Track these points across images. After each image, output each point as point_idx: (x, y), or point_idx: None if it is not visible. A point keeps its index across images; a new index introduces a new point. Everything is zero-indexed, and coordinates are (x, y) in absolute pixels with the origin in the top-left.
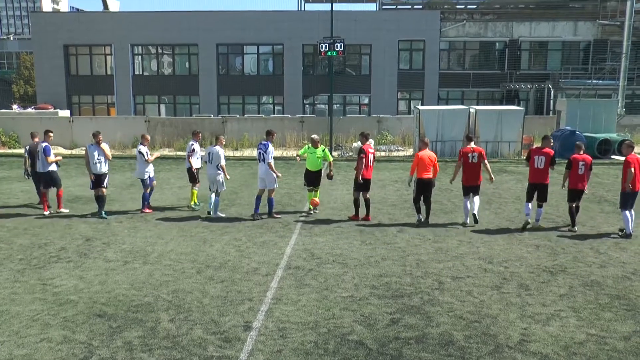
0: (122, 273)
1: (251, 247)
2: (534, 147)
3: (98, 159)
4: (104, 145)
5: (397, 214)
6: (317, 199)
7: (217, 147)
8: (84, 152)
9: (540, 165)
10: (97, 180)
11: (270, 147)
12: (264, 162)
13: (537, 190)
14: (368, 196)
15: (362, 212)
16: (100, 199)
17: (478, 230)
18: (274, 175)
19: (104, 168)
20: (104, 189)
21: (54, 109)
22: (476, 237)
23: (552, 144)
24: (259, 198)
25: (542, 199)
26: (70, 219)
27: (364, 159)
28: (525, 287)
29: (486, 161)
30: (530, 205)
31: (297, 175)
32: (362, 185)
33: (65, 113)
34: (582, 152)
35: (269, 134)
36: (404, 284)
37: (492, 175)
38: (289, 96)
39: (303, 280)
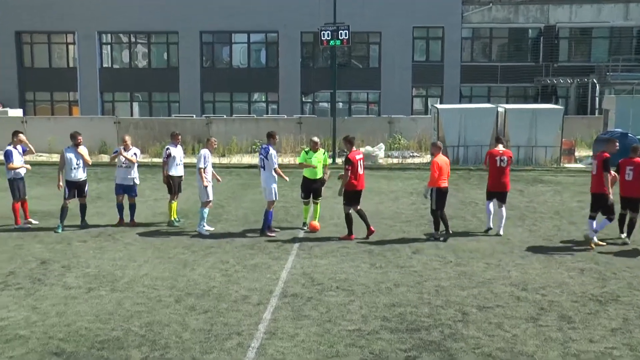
0: (85, 302)
1: (240, 271)
2: (623, 158)
3: (77, 164)
4: (82, 149)
5: (412, 231)
6: (317, 222)
7: (203, 150)
8: (40, 159)
9: (629, 177)
10: (78, 188)
11: (272, 151)
12: (264, 169)
13: (628, 203)
14: (359, 208)
15: (357, 225)
16: (84, 208)
17: (509, 251)
18: (272, 186)
19: (83, 174)
20: (85, 198)
21: (3, 107)
22: (507, 259)
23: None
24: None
25: (635, 209)
26: (22, 238)
27: (349, 171)
28: (567, 319)
29: (509, 168)
30: (594, 222)
31: (295, 186)
32: (353, 199)
33: (17, 112)
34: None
35: (270, 136)
36: (421, 315)
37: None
38: (284, 93)
39: (301, 310)
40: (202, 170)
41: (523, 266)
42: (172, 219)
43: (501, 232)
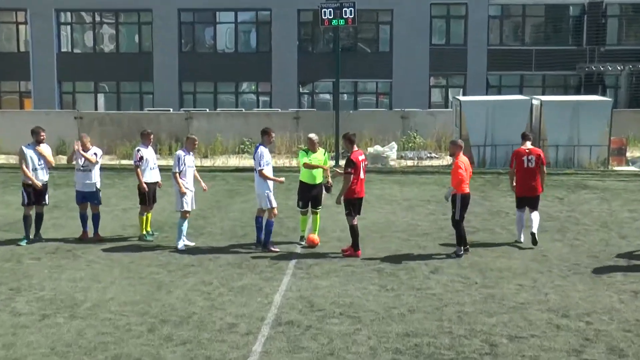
0: (38, 332)
1: (226, 294)
2: None
3: (39, 165)
4: (45, 147)
5: (430, 246)
6: (316, 236)
7: (179, 151)
8: None
9: None
10: (38, 194)
11: (261, 150)
12: (256, 172)
13: None
14: (356, 221)
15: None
16: (40, 218)
17: (546, 269)
18: (267, 192)
19: (45, 176)
20: (43, 207)
21: None
22: (543, 279)
23: None
24: (257, 220)
25: None
26: None
27: (351, 174)
28: (618, 352)
29: (545, 168)
30: None
31: (291, 193)
32: (356, 206)
33: None
34: None
35: (265, 133)
36: (441, 346)
37: (543, 187)
38: (279, 83)
39: (298, 341)
40: (178, 174)
41: (563, 288)
42: (144, 232)
43: (534, 230)
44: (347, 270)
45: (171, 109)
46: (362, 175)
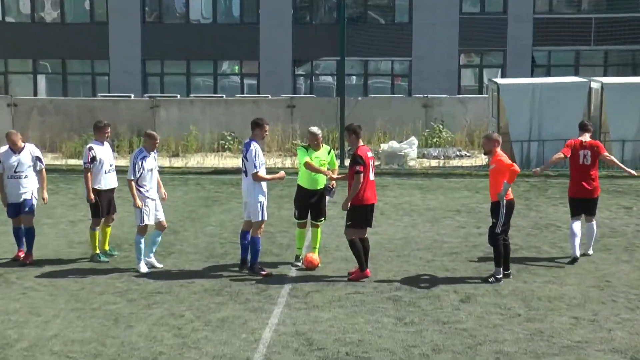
0: None
1: (201, 329)
2: None
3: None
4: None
5: (459, 269)
6: (315, 255)
7: (137, 150)
8: None
9: None
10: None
11: (255, 148)
12: (246, 176)
13: None
14: (366, 236)
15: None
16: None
17: (609, 299)
18: (260, 200)
19: None
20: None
21: None
22: (606, 311)
23: None
24: (244, 236)
25: None
26: None
27: (361, 174)
28: None
29: (606, 154)
30: None
31: (283, 201)
32: (365, 216)
33: None
34: None
35: (257, 125)
36: None
37: (629, 169)
38: (268, 62)
39: None
40: (132, 183)
41: (632, 323)
42: (96, 252)
43: (590, 252)
44: (355, 298)
45: (132, 95)
46: (371, 176)
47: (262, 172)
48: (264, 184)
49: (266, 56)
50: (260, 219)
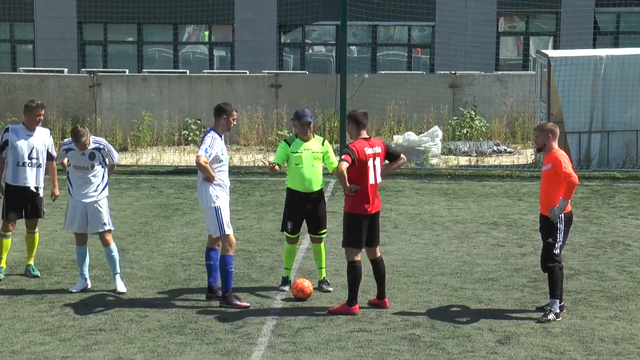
0: None
1: None
2: None
3: None
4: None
5: (497, 299)
6: (307, 282)
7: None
8: None
9: None
10: None
11: (210, 136)
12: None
13: None
14: (379, 254)
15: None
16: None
17: None
18: (214, 204)
19: None
20: None
21: None
22: None
23: None
24: (209, 255)
25: None
26: None
27: (346, 163)
28: None
29: None
30: None
31: (265, 210)
32: (360, 230)
33: None
34: None
35: (221, 112)
36: None
37: None
38: (245, 28)
39: None
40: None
41: None
42: (4, 265)
43: None
44: (360, 338)
45: (66, 70)
46: (371, 179)
47: (205, 158)
48: (223, 184)
49: (243, 19)
50: (219, 233)
